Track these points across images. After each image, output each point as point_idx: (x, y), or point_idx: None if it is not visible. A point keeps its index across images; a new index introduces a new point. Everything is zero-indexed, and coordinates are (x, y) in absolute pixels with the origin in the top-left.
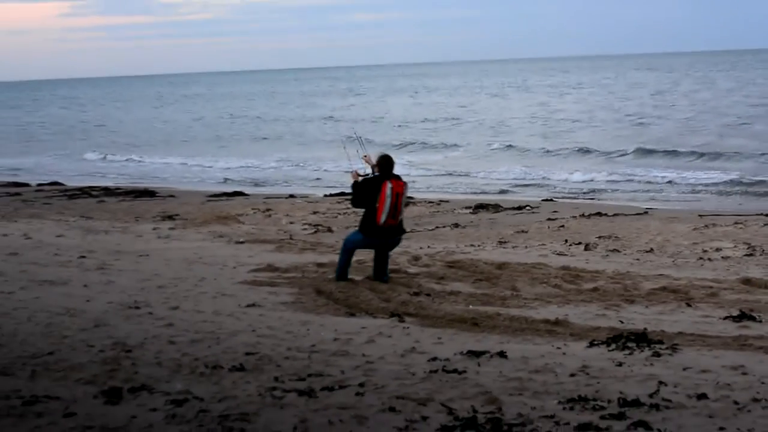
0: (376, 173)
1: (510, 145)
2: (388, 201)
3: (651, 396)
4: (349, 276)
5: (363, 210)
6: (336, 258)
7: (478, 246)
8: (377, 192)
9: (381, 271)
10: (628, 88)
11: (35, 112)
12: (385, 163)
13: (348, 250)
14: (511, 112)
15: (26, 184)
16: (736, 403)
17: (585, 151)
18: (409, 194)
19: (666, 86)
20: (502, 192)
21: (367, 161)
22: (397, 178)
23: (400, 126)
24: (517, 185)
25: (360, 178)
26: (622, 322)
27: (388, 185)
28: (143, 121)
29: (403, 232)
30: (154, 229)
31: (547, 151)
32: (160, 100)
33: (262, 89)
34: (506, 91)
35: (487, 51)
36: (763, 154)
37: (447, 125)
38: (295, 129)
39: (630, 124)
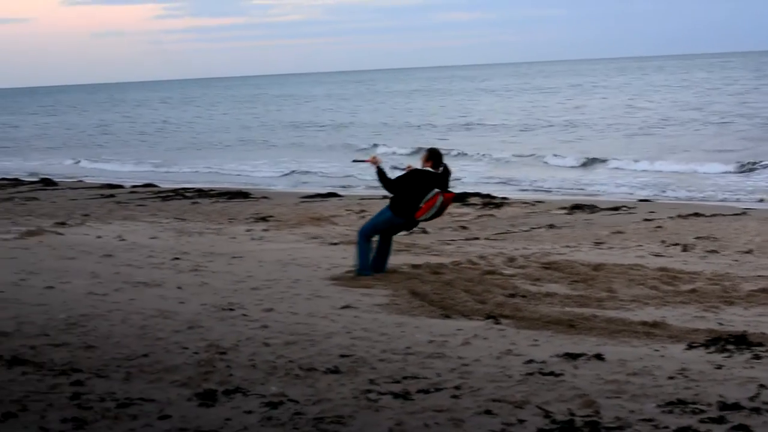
0: (426, 167)
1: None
2: (433, 210)
3: (751, 399)
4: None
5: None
6: (430, 258)
7: (574, 247)
8: (426, 193)
9: (383, 262)
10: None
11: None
12: (436, 156)
13: (367, 236)
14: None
15: (120, 186)
16: None
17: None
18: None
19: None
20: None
21: (373, 161)
22: (448, 187)
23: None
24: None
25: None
26: (721, 324)
27: (440, 199)
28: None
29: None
30: (248, 230)
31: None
32: (254, 101)
33: (365, 89)
34: (631, 89)
35: (578, 50)
36: None
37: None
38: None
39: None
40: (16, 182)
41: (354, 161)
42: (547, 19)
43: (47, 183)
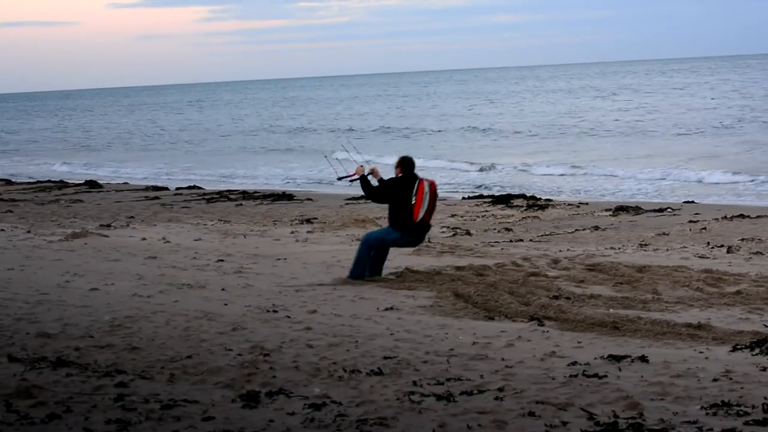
0: (398, 175)
1: None
2: (426, 198)
3: None
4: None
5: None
6: (473, 260)
7: (619, 249)
8: (411, 190)
9: (379, 268)
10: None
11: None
12: (408, 164)
13: (370, 246)
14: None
15: (165, 188)
16: None
17: None
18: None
19: None
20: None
21: (372, 171)
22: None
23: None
24: None
25: (368, 174)
26: (766, 326)
27: (426, 183)
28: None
29: (430, 227)
30: (292, 232)
31: None
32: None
33: (416, 91)
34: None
35: (624, 52)
36: None
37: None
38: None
39: None
40: (62, 184)
41: (339, 179)
42: (593, 21)
43: (92, 185)
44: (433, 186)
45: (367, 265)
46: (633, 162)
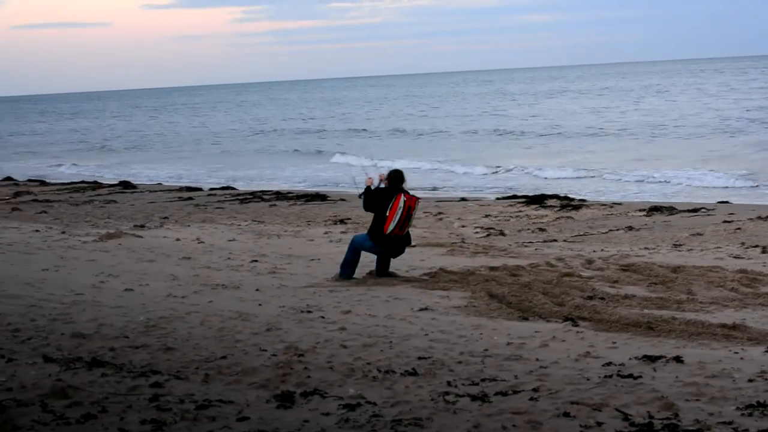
0: (385, 186)
1: None
2: (399, 212)
3: None
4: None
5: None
6: (507, 261)
7: (653, 249)
8: (389, 202)
9: (383, 270)
10: None
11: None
12: (396, 178)
13: (354, 249)
14: None
15: (199, 189)
16: None
17: None
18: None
19: None
20: None
21: (380, 178)
22: (409, 193)
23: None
24: None
25: (373, 185)
26: None
27: (402, 198)
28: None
29: (409, 243)
30: (326, 233)
31: None
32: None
33: (446, 90)
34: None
35: (652, 51)
36: None
37: None
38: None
39: None
40: (96, 185)
41: (360, 196)
42: (624, 20)
43: (126, 186)
44: (409, 202)
45: (354, 267)
46: (663, 163)
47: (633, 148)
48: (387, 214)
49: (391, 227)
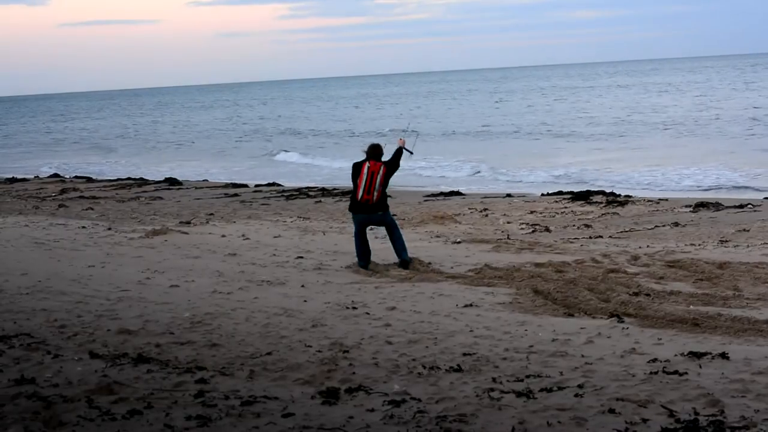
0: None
1: None
2: (365, 178)
3: None
4: (373, 260)
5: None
6: (553, 257)
7: (699, 245)
8: (359, 171)
9: (398, 247)
10: None
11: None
12: (367, 152)
13: (355, 233)
14: None
15: (245, 185)
16: None
17: None
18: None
19: None
20: None
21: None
22: (378, 160)
23: None
24: None
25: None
26: None
27: (366, 165)
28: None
29: (384, 209)
30: (371, 229)
31: None
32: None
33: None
34: None
35: (705, 47)
36: None
37: None
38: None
39: None
40: (142, 182)
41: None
42: (675, 16)
43: (172, 182)
44: (372, 168)
45: (361, 252)
46: (710, 158)
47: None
48: (356, 182)
49: (360, 193)
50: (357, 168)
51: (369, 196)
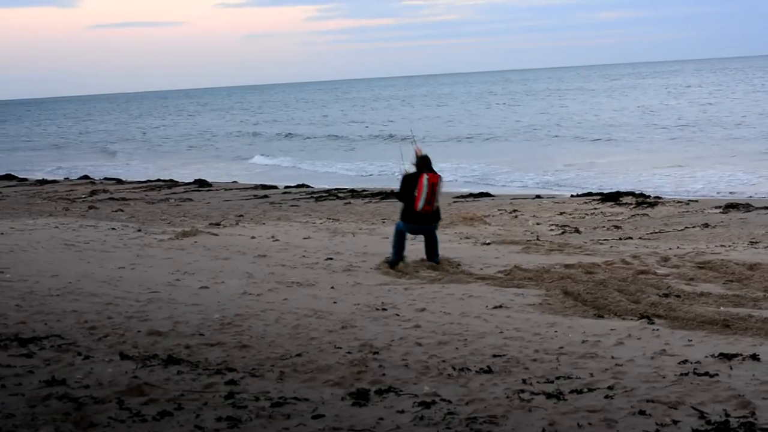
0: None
1: None
2: (425, 190)
3: None
4: (405, 256)
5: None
6: (582, 258)
7: (729, 246)
8: (416, 183)
9: (431, 254)
10: None
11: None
12: (420, 164)
13: (397, 232)
14: None
15: (274, 187)
16: None
17: None
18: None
19: None
20: None
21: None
22: (433, 171)
23: None
24: None
25: (419, 154)
26: None
27: (425, 176)
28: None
29: (438, 218)
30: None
31: None
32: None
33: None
34: None
35: (725, 48)
36: None
37: None
38: None
39: None
40: (171, 183)
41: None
42: (702, 16)
43: (202, 184)
44: (432, 179)
45: (402, 249)
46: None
47: None
48: (415, 193)
49: (420, 204)
50: (413, 179)
51: (429, 207)
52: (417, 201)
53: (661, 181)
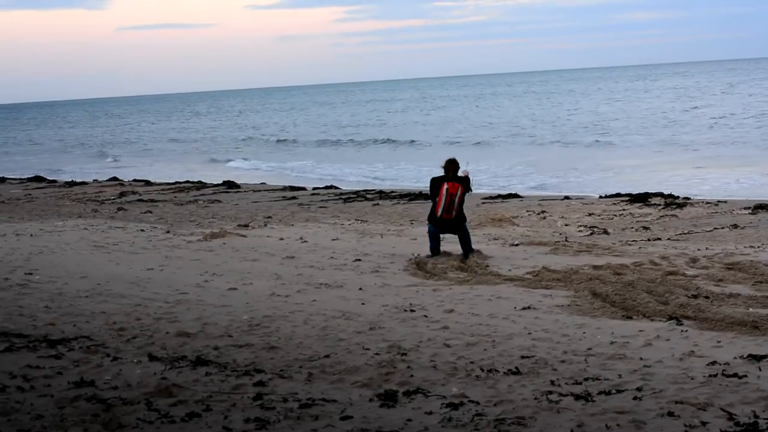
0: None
1: None
2: (443, 199)
3: None
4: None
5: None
6: (611, 259)
7: (758, 247)
8: (438, 189)
9: (465, 250)
10: None
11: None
12: (446, 167)
13: (429, 232)
14: None
15: (302, 188)
16: None
17: None
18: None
19: None
20: None
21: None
22: (455, 180)
23: None
24: None
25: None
26: None
27: (445, 186)
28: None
29: (461, 223)
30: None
31: None
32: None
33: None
34: None
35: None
36: None
37: None
38: None
39: None
40: (200, 185)
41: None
42: (738, 17)
43: (230, 185)
44: (451, 189)
45: (435, 246)
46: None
47: None
48: (436, 200)
49: (439, 211)
50: (436, 184)
51: (448, 216)
52: (437, 208)
53: (689, 181)
